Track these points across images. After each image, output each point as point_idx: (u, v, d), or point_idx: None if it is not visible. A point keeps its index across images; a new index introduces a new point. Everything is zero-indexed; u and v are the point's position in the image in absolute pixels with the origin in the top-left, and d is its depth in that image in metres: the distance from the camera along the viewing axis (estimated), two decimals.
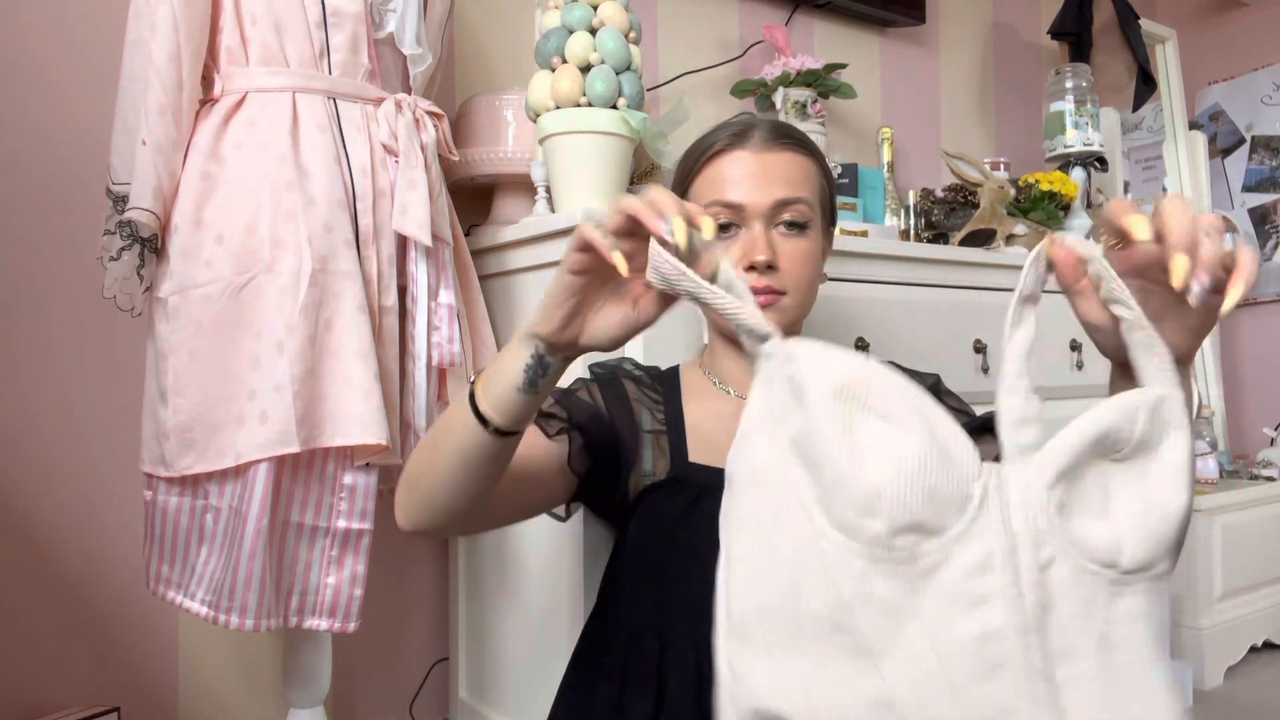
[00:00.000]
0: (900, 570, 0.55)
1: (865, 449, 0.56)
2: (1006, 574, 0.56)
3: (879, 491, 0.55)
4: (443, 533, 0.91)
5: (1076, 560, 0.57)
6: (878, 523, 0.55)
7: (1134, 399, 0.60)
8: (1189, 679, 2.06)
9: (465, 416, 0.77)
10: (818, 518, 0.57)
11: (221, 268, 1.16)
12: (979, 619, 0.55)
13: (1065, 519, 0.58)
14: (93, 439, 1.47)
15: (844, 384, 0.57)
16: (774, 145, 0.96)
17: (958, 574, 0.56)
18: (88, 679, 1.46)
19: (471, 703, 1.66)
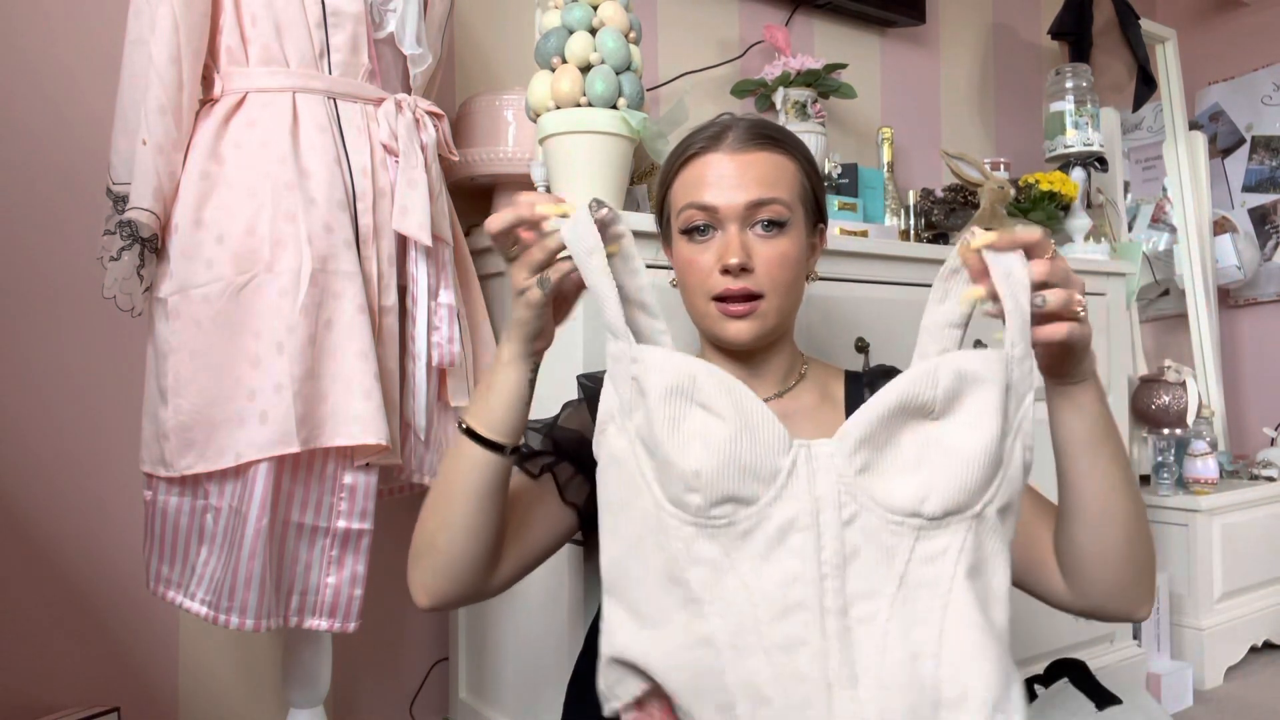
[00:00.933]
0: (720, 534, 0.69)
1: (690, 437, 0.69)
2: (810, 532, 0.68)
3: (697, 472, 0.68)
4: (462, 598, 0.91)
5: (879, 515, 0.69)
6: (698, 497, 0.69)
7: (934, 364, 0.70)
8: (1189, 679, 2.06)
9: (472, 455, 0.84)
10: (657, 493, 0.71)
11: (221, 268, 1.16)
12: (781, 569, 0.68)
13: (869, 479, 0.69)
14: (93, 439, 1.47)
15: (675, 384, 0.70)
16: (749, 146, 0.95)
17: (769, 534, 0.69)
18: (88, 679, 1.46)
19: (471, 703, 1.66)
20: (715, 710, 0.68)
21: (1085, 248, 2.10)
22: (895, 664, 0.67)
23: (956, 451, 0.69)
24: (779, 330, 0.99)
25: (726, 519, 0.69)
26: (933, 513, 0.69)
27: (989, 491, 0.70)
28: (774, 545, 0.69)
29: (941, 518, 0.69)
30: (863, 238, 1.66)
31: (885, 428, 0.69)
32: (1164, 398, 2.32)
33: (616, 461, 0.74)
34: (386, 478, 1.36)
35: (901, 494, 0.69)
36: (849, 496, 0.69)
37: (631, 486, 0.73)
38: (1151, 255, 2.80)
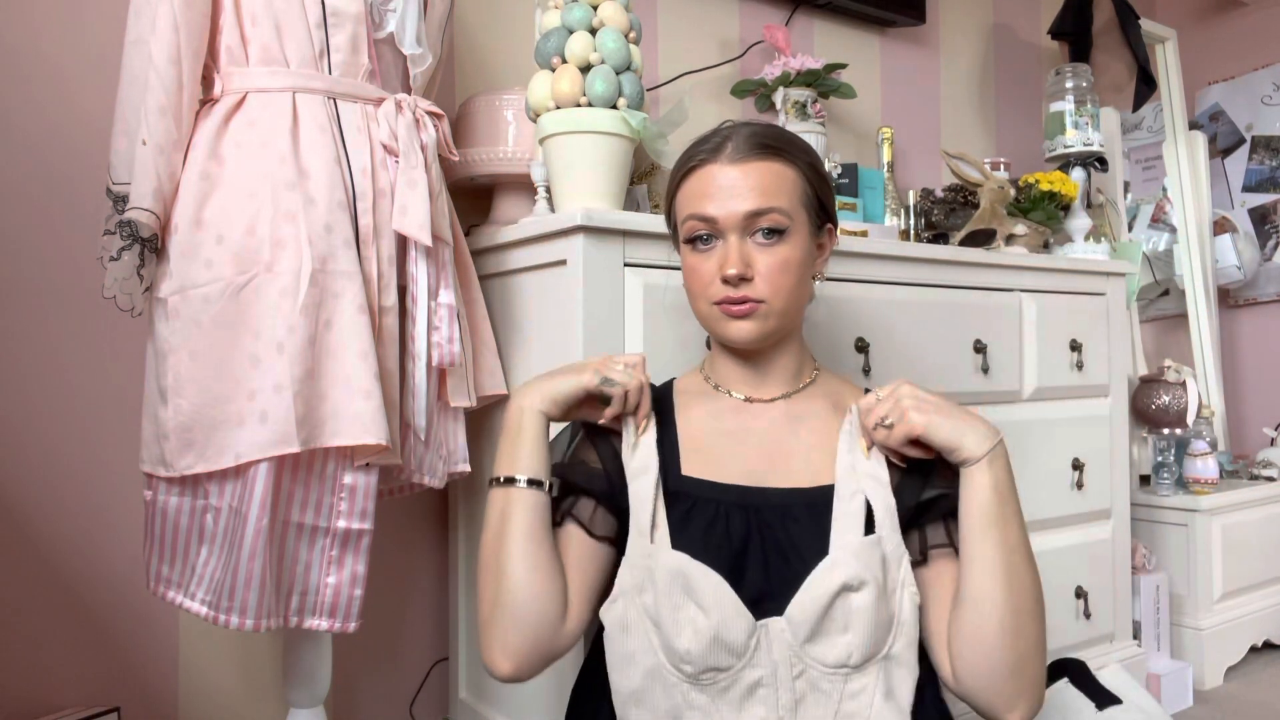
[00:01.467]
0: (707, 689, 0.92)
1: (684, 624, 0.91)
2: (771, 686, 0.92)
3: (688, 652, 0.91)
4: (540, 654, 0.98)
5: (819, 669, 0.92)
6: (689, 667, 0.91)
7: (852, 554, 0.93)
8: (1189, 679, 2.06)
9: (519, 501, 0.97)
10: (660, 656, 0.93)
11: (221, 268, 1.16)
12: (752, 713, 0.92)
13: (810, 646, 0.91)
14: (93, 439, 1.47)
15: (678, 577, 0.92)
16: (748, 156, 0.97)
17: (742, 689, 0.92)
18: (88, 679, 1.46)
19: (471, 703, 1.66)
20: None
21: (1085, 248, 2.10)
22: None
23: (868, 612, 0.90)
24: (782, 330, 1.01)
25: (710, 679, 0.91)
26: (856, 663, 0.91)
27: (890, 638, 0.93)
28: (746, 697, 0.92)
29: (862, 663, 0.91)
30: (863, 238, 1.66)
31: (825, 606, 0.90)
32: (1164, 398, 2.32)
33: (627, 628, 0.95)
34: (386, 478, 1.36)
35: (834, 654, 0.91)
36: (796, 659, 0.91)
37: (641, 646, 0.94)
38: (1151, 255, 2.80)
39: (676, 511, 0.98)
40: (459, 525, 1.70)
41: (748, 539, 0.96)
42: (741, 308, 0.96)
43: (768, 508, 0.97)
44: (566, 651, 1.00)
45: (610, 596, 0.97)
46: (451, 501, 1.73)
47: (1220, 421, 2.71)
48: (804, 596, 0.91)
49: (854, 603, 0.90)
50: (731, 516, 0.97)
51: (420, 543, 1.77)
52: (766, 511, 0.97)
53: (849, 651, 0.91)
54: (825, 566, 0.92)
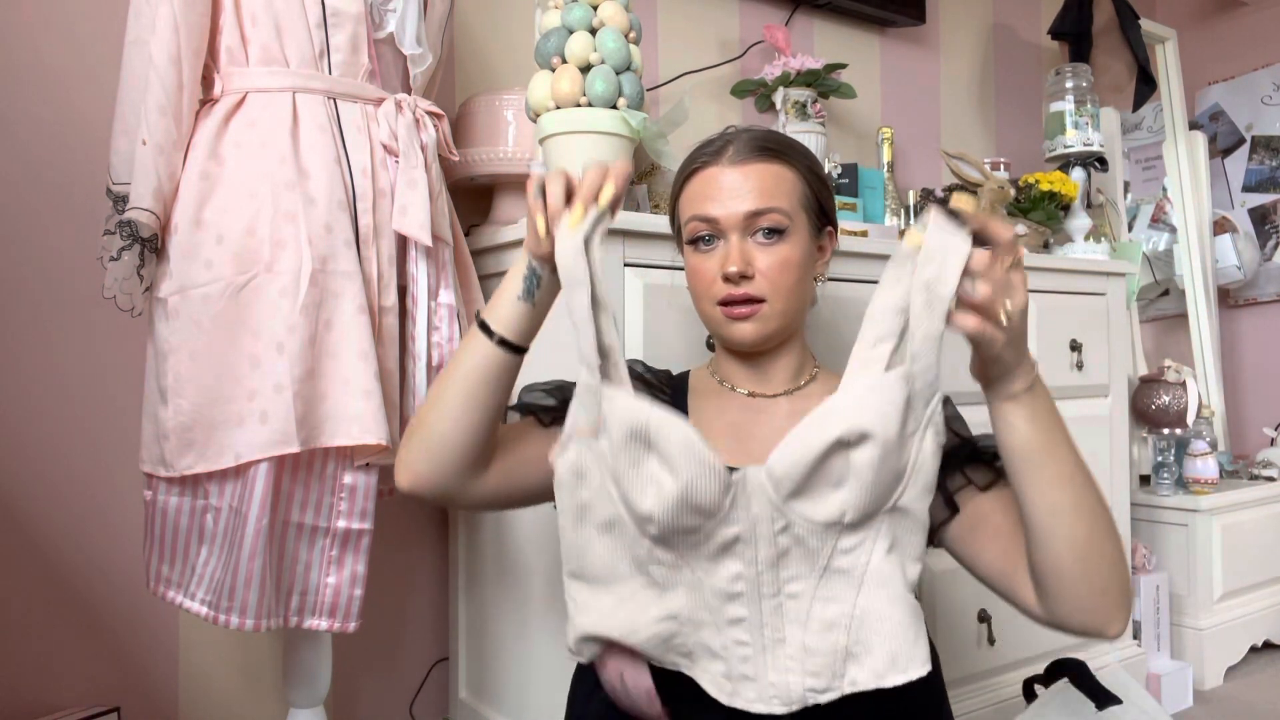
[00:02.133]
0: (675, 545, 0.84)
1: (646, 483, 0.82)
2: (749, 543, 0.83)
3: (651, 515, 0.82)
4: (441, 490, 0.94)
5: (806, 526, 0.82)
6: (652, 529, 0.83)
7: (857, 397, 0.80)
8: (1189, 679, 2.06)
9: (473, 337, 0.92)
10: (621, 510, 0.85)
11: (221, 268, 1.16)
12: (726, 570, 0.85)
13: (796, 501, 0.81)
14: (93, 439, 1.47)
15: (636, 430, 0.81)
16: (748, 158, 0.99)
17: (715, 546, 0.84)
18: (88, 679, 1.46)
19: (471, 703, 1.66)
20: (679, 656, 0.87)
21: (1085, 248, 2.10)
22: (814, 633, 0.84)
23: (870, 469, 0.79)
24: (785, 331, 1.02)
25: (678, 540, 0.84)
26: (851, 521, 0.82)
27: (898, 490, 0.83)
28: (719, 554, 0.84)
29: (859, 522, 0.82)
30: (863, 238, 1.66)
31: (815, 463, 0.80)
32: (1164, 398, 2.32)
33: (581, 474, 0.86)
34: (386, 478, 1.35)
35: (825, 511, 0.81)
36: (779, 514, 0.82)
37: (599, 495, 0.86)
38: (1151, 255, 2.80)
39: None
40: (459, 525, 1.70)
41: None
42: (743, 309, 0.97)
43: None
44: (467, 504, 0.99)
45: (561, 438, 0.88)
46: None
47: (1220, 421, 2.71)
48: (789, 449, 0.80)
49: (852, 459, 0.79)
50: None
51: (420, 543, 1.77)
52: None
53: (842, 509, 0.81)
54: (819, 414, 0.80)
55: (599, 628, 0.87)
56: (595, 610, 0.87)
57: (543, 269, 0.90)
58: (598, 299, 0.84)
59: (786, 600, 0.84)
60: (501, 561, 1.55)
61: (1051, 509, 0.82)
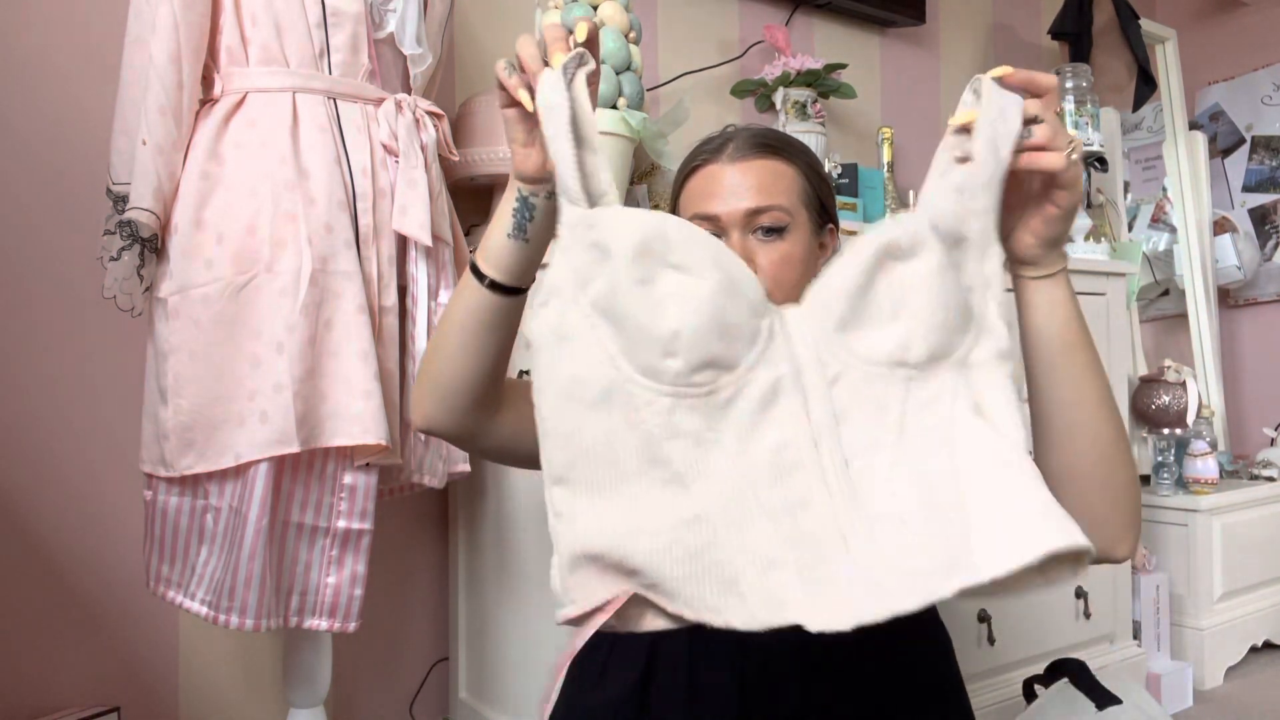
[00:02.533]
0: (702, 404, 0.64)
1: (664, 297, 0.64)
2: (795, 395, 0.66)
3: (676, 333, 0.63)
4: (454, 430, 0.90)
5: (863, 369, 0.66)
6: (677, 362, 0.63)
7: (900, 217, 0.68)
8: (1189, 679, 2.06)
9: (467, 280, 0.84)
10: (624, 366, 0.65)
11: (221, 268, 1.16)
12: (773, 435, 0.65)
13: (847, 335, 0.66)
14: (93, 439, 1.47)
15: (644, 242, 0.65)
16: (748, 155, 0.99)
17: (752, 403, 0.65)
18: (88, 679, 1.46)
19: (471, 703, 1.66)
20: (718, 588, 0.63)
21: (1085, 248, 2.10)
22: (914, 495, 0.64)
23: (931, 283, 0.67)
24: None
25: (707, 386, 0.65)
26: (918, 359, 0.67)
27: (968, 337, 0.68)
28: (759, 413, 0.65)
29: (927, 362, 0.67)
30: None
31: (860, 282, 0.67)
32: (1164, 398, 2.32)
33: (564, 338, 0.67)
34: (386, 478, 1.36)
35: (884, 346, 0.67)
36: (830, 355, 0.67)
37: (587, 362, 0.66)
38: (1151, 255, 2.80)
39: None
40: (459, 525, 1.70)
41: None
42: None
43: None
44: (485, 449, 0.94)
45: (538, 299, 0.70)
46: (451, 501, 1.73)
47: (1220, 421, 2.71)
48: (829, 271, 0.68)
49: (904, 275, 0.67)
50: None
51: (420, 543, 1.77)
52: None
53: (905, 342, 0.66)
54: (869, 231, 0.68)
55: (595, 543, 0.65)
56: (589, 518, 0.66)
57: (536, 195, 0.79)
58: (582, 136, 0.69)
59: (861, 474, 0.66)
60: (501, 561, 1.55)
61: (1082, 400, 0.77)
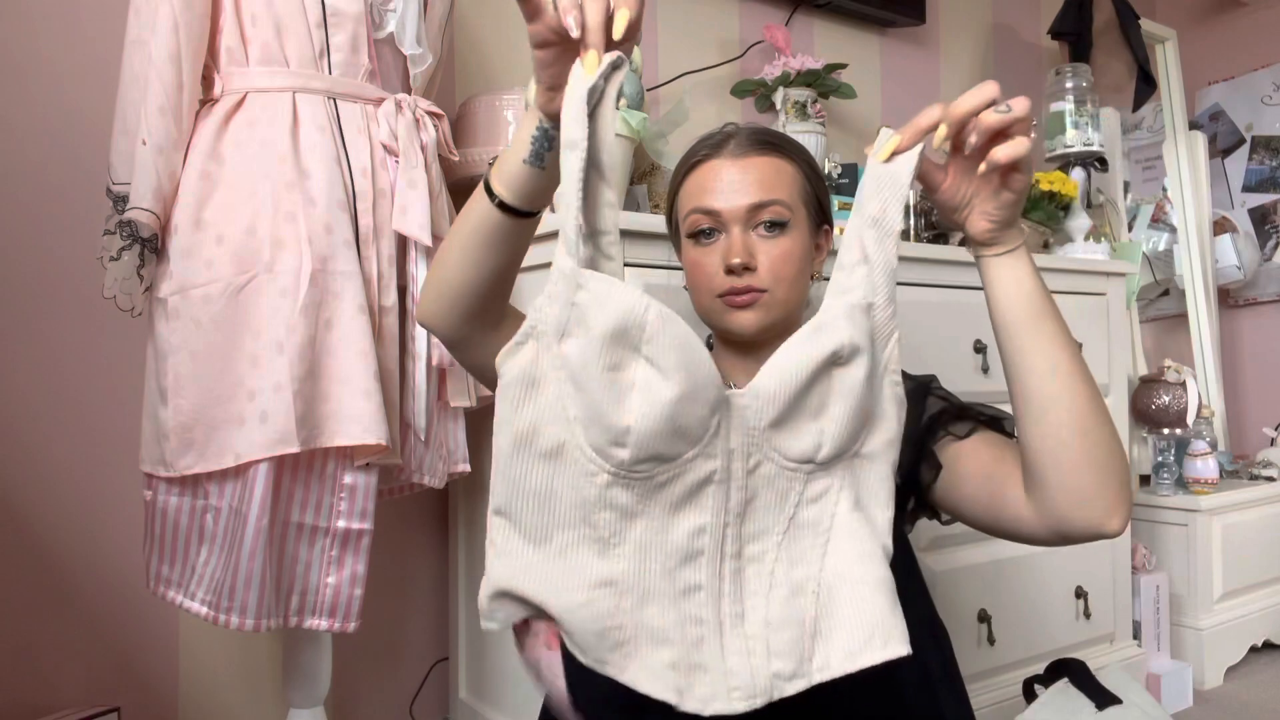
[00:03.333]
0: (637, 485, 0.69)
1: (627, 389, 0.67)
2: (721, 485, 0.71)
3: (629, 430, 0.67)
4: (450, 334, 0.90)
5: (778, 462, 0.72)
6: (625, 452, 0.67)
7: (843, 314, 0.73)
8: (1189, 679, 2.06)
9: (479, 196, 0.84)
10: (578, 433, 0.69)
11: (221, 268, 1.16)
12: (692, 519, 0.71)
13: (775, 431, 0.71)
14: (93, 439, 1.47)
15: (621, 329, 0.66)
16: (750, 151, 0.99)
17: (683, 488, 0.70)
18: (88, 679, 1.46)
19: (471, 703, 1.66)
20: (611, 648, 0.69)
21: (1085, 248, 2.10)
22: (779, 600, 0.72)
23: (858, 389, 0.73)
24: (784, 324, 1.00)
25: (646, 473, 0.69)
26: (824, 458, 0.73)
27: (864, 431, 0.75)
28: (687, 498, 0.71)
29: (829, 460, 0.74)
30: None
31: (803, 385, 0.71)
32: (1164, 398, 2.32)
33: (532, 383, 0.71)
34: (386, 478, 1.36)
35: (799, 445, 0.72)
36: (755, 447, 0.72)
37: (549, 415, 0.70)
38: (1151, 255, 2.80)
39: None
40: (459, 525, 1.70)
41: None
42: (744, 298, 0.96)
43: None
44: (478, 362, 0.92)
45: (517, 336, 0.72)
46: (451, 501, 1.73)
47: (1220, 421, 2.71)
48: (783, 363, 0.72)
49: (840, 380, 0.72)
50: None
51: (420, 543, 1.77)
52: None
53: (819, 442, 0.72)
54: (810, 328, 0.73)
55: (519, 582, 0.71)
56: (519, 559, 0.71)
57: (556, 129, 0.76)
58: (600, 166, 0.72)
59: (749, 565, 0.73)
60: None
61: (1053, 370, 0.80)
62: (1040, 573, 1.79)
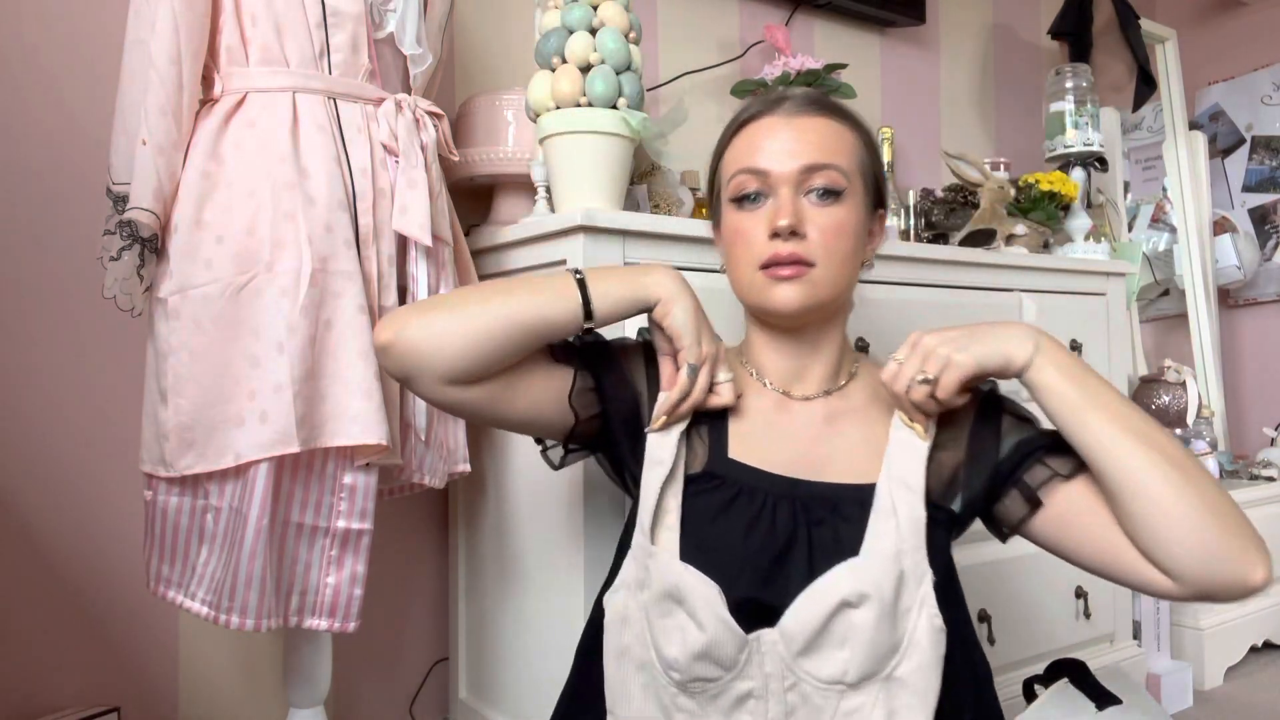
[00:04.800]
0: (695, 695, 0.89)
1: (673, 630, 0.88)
2: (761, 699, 0.87)
3: (675, 660, 0.87)
4: (413, 380, 0.89)
5: (812, 683, 0.86)
6: (677, 674, 0.88)
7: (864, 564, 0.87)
8: (1189, 679, 2.06)
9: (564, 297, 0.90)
10: (653, 655, 0.90)
11: (221, 268, 1.16)
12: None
13: (804, 659, 0.86)
14: (93, 439, 1.47)
15: (667, 591, 0.88)
16: (807, 111, 0.91)
17: (731, 699, 0.88)
18: (88, 679, 1.46)
19: (471, 703, 1.66)
20: None
21: (1085, 248, 2.10)
22: None
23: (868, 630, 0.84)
24: (830, 307, 0.93)
25: (699, 688, 0.88)
26: (852, 680, 0.85)
27: (895, 659, 0.86)
28: (735, 706, 0.88)
29: (858, 681, 0.86)
30: None
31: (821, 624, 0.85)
32: (1164, 398, 2.32)
33: (625, 620, 0.93)
34: (386, 478, 1.36)
35: (829, 669, 0.85)
36: (789, 671, 0.86)
37: (637, 641, 0.91)
38: (1151, 255, 2.80)
39: (719, 496, 0.92)
40: (459, 525, 1.70)
41: (794, 535, 0.89)
42: (789, 270, 0.88)
43: (815, 502, 0.91)
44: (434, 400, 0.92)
45: (614, 585, 0.94)
46: (451, 501, 1.73)
47: (1220, 421, 2.71)
48: (801, 609, 0.85)
49: (853, 619, 0.85)
50: (779, 509, 0.90)
51: (420, 543, 1.77)
52: (814, 507, 0.90)
53: (844, 668, 0.85)
54: (829, 579, 0.86)
55: None
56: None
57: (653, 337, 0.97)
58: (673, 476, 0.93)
59: None
60: (501, 561, 1.55)
61: (1115, 445, 0.82)
62: (1040, 573, 1.79)
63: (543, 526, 1.43)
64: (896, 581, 0.86)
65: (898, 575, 0.86)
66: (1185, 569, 0.80)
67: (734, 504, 0.91)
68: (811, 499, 0.91)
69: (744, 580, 0.87)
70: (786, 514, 0.90)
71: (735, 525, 0.90)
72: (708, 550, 0.89)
